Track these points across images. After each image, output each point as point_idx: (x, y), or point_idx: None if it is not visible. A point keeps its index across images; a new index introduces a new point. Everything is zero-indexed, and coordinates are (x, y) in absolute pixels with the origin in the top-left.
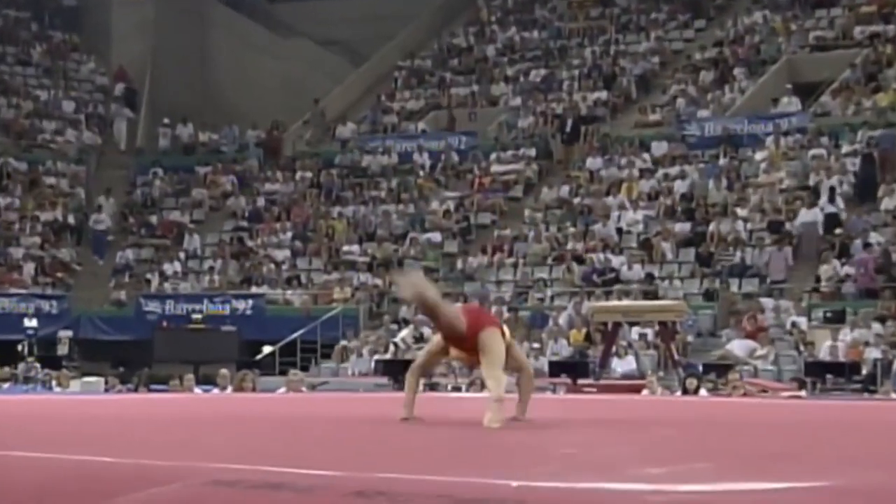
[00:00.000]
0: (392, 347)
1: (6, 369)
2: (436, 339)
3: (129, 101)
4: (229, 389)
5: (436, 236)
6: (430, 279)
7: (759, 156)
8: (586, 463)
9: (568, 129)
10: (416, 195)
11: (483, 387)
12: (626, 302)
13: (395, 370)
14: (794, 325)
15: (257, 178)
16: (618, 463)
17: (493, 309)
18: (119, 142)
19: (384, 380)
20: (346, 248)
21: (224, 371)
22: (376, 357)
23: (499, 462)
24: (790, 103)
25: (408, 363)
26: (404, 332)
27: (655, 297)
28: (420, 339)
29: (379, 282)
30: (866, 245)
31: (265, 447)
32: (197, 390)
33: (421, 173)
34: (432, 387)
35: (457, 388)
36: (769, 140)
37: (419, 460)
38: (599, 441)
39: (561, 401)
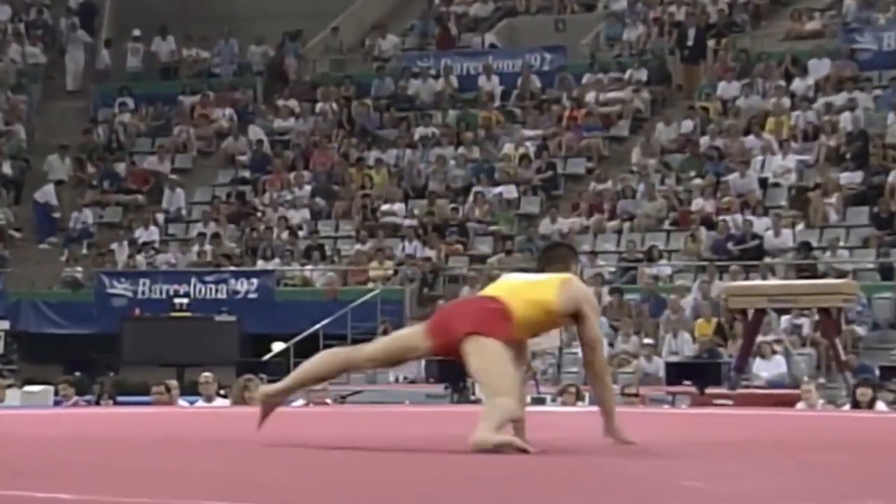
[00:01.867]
0: None
1: None
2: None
3: (85, 20)
4: (219, 401)
5: (510, 191)
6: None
7: None
8: (716, 500)
9: (691, 42)
10: (482, 135)
11: (578, 397)
12: (773, 282)
13: (453, 375)
14: None
15: (263, 112)
16: (761, 500)
17: (591, 290)
18: (75, 77)
19: (439, 388)
20: (385, 206)
21: (207, 375)
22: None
23: (594, 497)
24: None
25: None
26: None
27: (814, 274)
28: None
29: (431, 253)
30: None
31: (284, 485)
32: (182, 402)
33: (489, 104)
34: None
35: (539, 400)
36: None
37: (503, 493)
38: (736, 471)
39: (683, 416)
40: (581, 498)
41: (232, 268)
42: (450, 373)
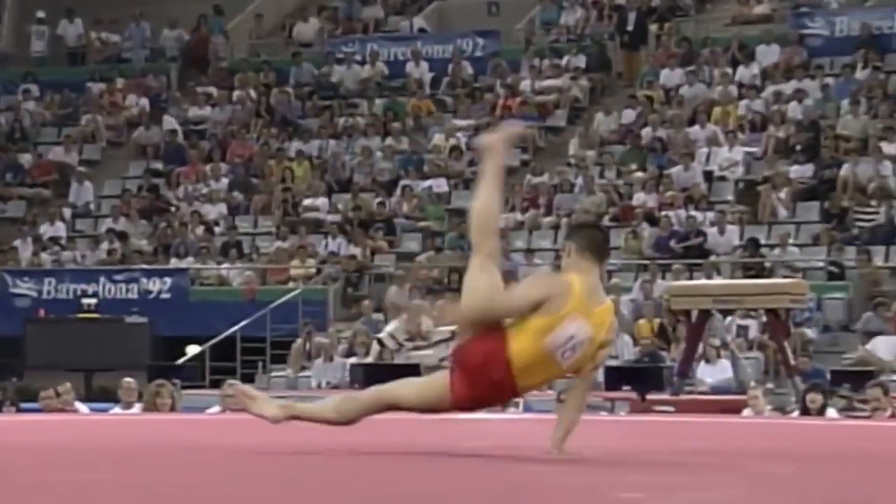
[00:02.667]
0: (375, 346)
1: None
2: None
3: None
4: (137, 407)
5: (440, 185)
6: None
7: None
8: None
9: (632, 26)
10: (410, 125)
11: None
12: (718, 281)
13: (379, 378)
14: None
15: (177, 100)
16: None
17: None
18: None
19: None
20: (308, 201)
21: (129, 381)
22: (352, 360)
23: None
24: None
25: (400, 369)
26: (393, 325)
27: (762, 274)
28: (417, 334)
29: (356, 251)
30: None
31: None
32: (83, 408)
33: (418, 92)
34: None
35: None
36: None
37: None
38: (678, 483)
39: (622, 423)
40: None
41: (143, 266)
42: (376, 378)
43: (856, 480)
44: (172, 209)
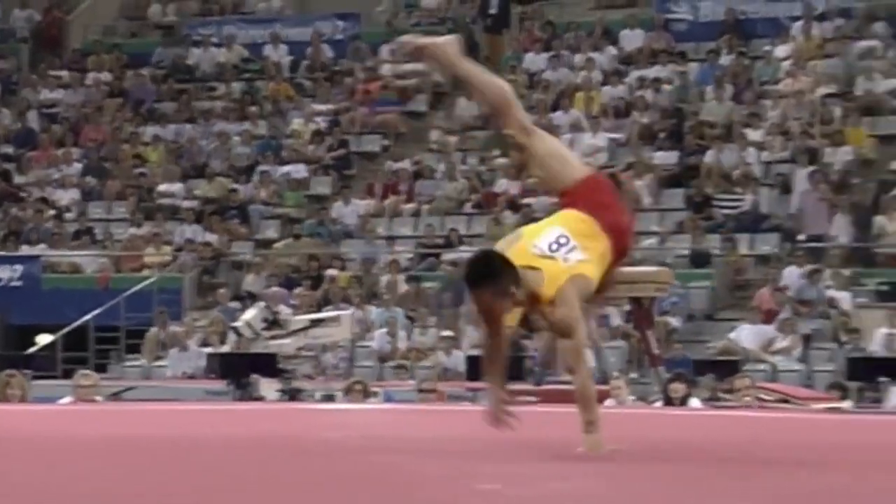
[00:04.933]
0: (232, 336)
1: None
2: None
3: None
4: None
5: (298, 170)
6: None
7: (780, 51)
8: (514, 503)
9: (494, 9)
10: (268, 109)
11: (367, 394)
12: None
13: (236, 369)
14: (832, 303)
15: (29, 82)
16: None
17: (385, 279)
18: None
19: (220, 384)
20: (163, 187)
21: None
22: (209, 350)
23: (386, 501)
24: None
25: (257, 358)
26: (250, 314)
27: (626, 261)
28: (274, 322)
29: (212, 238)
30: None
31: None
32: None
33: (277, 76)
34: (292, 395)
35: (329, 397)
36: (796, 27)
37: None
38: (537, 473)
39: (482, 414)
40: (374, 501)
41: None
42: (232, 368)
43: (711, 470)
44: (23, 194)
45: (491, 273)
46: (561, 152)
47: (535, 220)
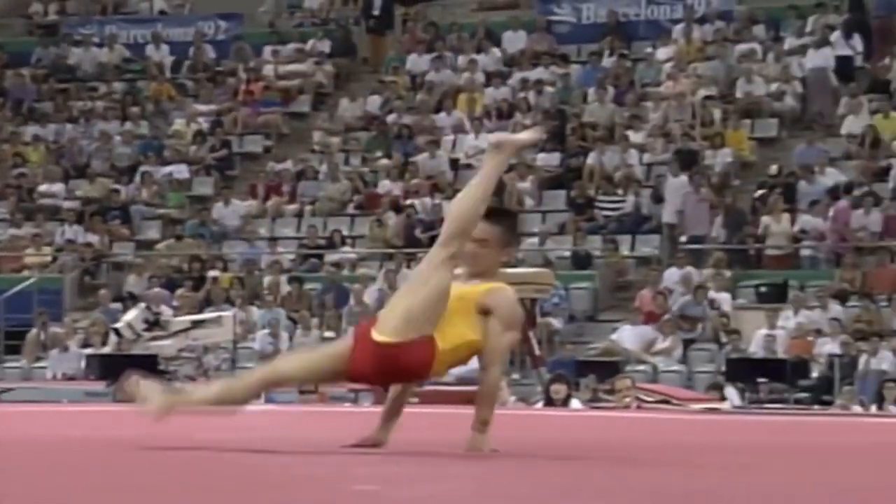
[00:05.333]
0: (113, 337)
1: None
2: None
3: None
4: None
5: (180, 171)
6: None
7: (662, 53)
8: None
9: (377, 10)
10: (150, 109)
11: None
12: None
13: (116, 370)
14: (712, 304)
15: None
16: None
17: (267, 280)
18: None
19: (100, 385)
20: (43, 187)
21: None
22: (89, 351)
23: (265, 502)
24: None
25: (137, 359)
26: (131, 315)
27: (508, 263)
28: (155, 323)
29: (94, 239)
30: (833, 190)
31: None
32: None
33: (159, 76)
34: None
35: None
36: (677, 30)
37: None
38: (414, 474)
39: (364, 415)
40: (250, 502)
41: None
42: (112, 369)
43: (586, 470)
44: None
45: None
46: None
47: (422, 221)
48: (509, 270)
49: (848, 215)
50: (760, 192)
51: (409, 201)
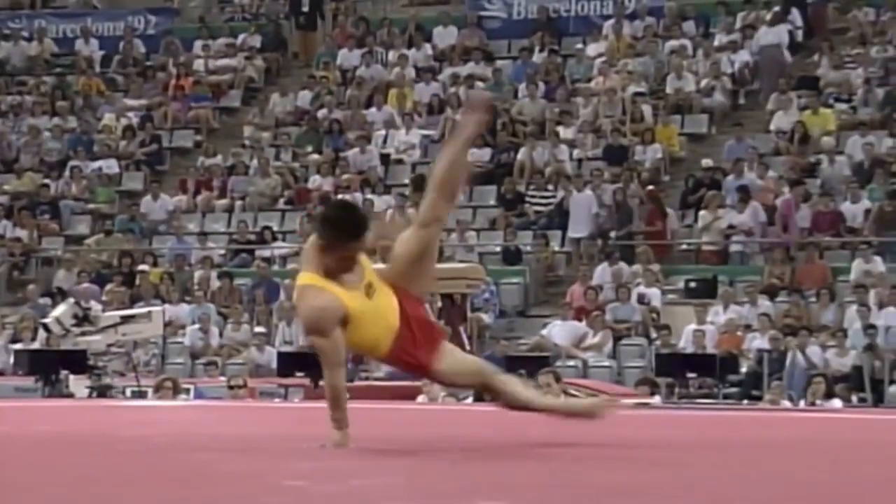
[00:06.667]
0: (42, 332)
1: None
2: None
3: None
4: None
5: (110, 165)
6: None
7: (592, 49)
8: (318, 499)
9: (307, 6)
10: (80, 104)
11: (177, 391)
12: None
13: (45, 365)
14: (642, 299)
15: None
16: (365, 500)
17: (197, 275)
18: None
19: (29, 381)
20: None
21: None
22: (17, 346)
23: (187, 498)
24: None
25: (66, 355)
26: (60, 310)
27: (438, 258)
28: (84, 319)
29: (23, 234)
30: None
31: None
32: None
33: (88, 71)
34: (102, 392)
35: (140, 394)
36: (607, 26)
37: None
38: (344, 469)
39: (295, 410)
40: (174, 499)
41: None
42: (41, 364)
43: (510, 465)
44: None
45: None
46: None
47: None
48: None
49: (791, 208)
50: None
51: (339, 196)
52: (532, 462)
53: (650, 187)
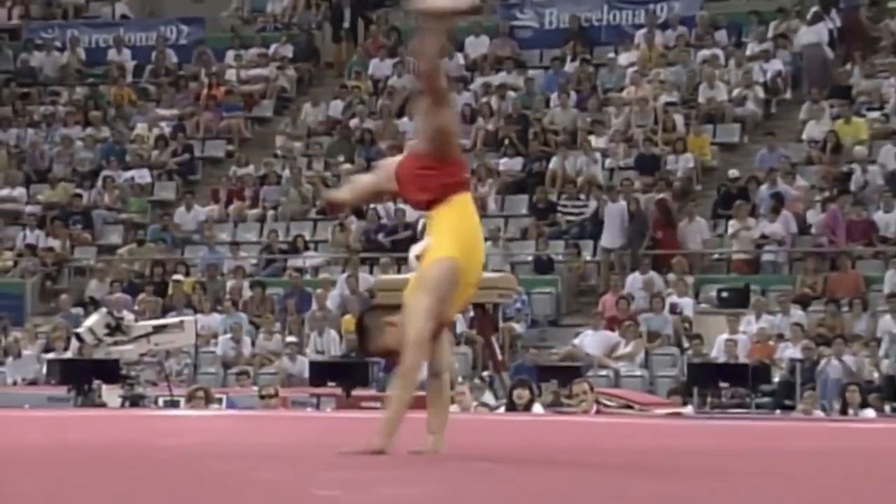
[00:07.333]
0: (74, 342)
1: None
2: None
3: None
4: None
5: (142, 175)
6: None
7: (623, 58)
8: None
9: (347, 22)
10: (112, 114)
11: (209, 400)
12: None
13: (78, 375)
14: (674, 309)
15: None
16: None
17: (229, 284)
18: None
19: (62, 390)
20: (4, 192)
21: None
22: (50, 356)
23: None
24: None
25: (99, 364)
26: (93, 319)
27: None
28: (117, 328)
29: (55, 243)
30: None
31: None
32: None
33: (120, 80)
34: (134, 401)
35: (173, 403)
36: (639, 35)
37: None
38: (378, 479)
39: (327, 419)
40: None
41: None
42: (74, 374)
43: (553, 474)
44: None
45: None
46: None
47: (384, 225)
48: None
49: (838, 218)
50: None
51: (371, 206)
52: (565, 471)
53: (660, 195)
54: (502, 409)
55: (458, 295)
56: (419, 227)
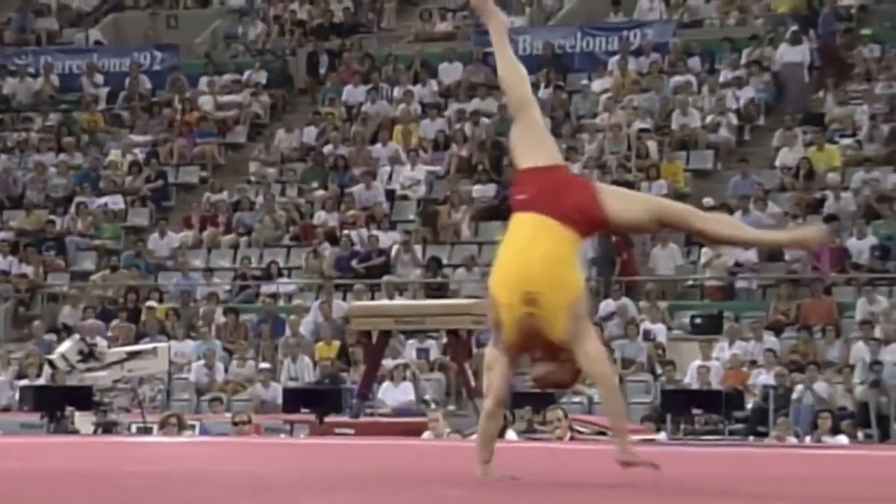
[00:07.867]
0: (47, 368)
1: None
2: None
3: None
4: None
5: (116, 201)
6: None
7: (597, 85)
8: None
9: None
10: (85, 140)
11: (182, 427)
12: (400, 301)
13: (51, 401)
14: (648, 336)
15: None
16: None
17: (203, 311)
18: None
19: (35, 417)
20: None
21: None
22: (23, 383)
23: None
24: (651, 8)
25: (72, 391)
26: (66, 346)
27: (443, 294)
28: (90, 355)
29: (28, 270)
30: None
31: None
32: None
33: (93, 107)
34: (107, 428)
35: (146, 430)
36: (612, 62)
37: None
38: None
39: (300, 446)
40: None
41: None
42: (47, 401)
43: (530, 500)
44: None
45: None
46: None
47: (357, 252)
48: (445, 302)
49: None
50: None
51: (344, 232)
52: (538, 497)
53: None
54: (475, 437)
55: (504, 319)
56: (392, 253)
